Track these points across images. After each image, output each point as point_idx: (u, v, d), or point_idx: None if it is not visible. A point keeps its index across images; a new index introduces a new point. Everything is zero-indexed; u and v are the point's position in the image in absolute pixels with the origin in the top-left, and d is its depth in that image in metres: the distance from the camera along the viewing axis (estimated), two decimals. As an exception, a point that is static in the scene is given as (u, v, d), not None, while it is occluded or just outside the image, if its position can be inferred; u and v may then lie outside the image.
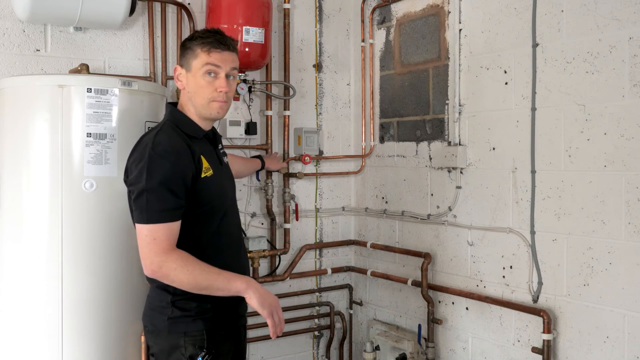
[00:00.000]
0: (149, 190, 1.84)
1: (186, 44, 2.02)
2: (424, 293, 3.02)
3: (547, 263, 2.54)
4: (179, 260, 1.84)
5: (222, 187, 2.07)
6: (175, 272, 1.83)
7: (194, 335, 1.94)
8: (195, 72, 1.97)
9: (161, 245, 1.84)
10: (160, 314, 1.97)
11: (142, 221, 1.86)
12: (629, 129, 2.25)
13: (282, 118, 3.34)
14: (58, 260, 2.24)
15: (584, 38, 2.39)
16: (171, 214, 1.86)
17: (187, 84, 2.01)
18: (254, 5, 2.95)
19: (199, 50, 1.96)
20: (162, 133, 1.94)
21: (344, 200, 3.62)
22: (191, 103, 2.01)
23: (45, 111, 2.25)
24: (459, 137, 2.92)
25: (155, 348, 2.02)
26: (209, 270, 1.86)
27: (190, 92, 2.00)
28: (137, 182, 1.87)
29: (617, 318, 2.31)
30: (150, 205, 1.84)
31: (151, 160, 1.85)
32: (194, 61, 1.97)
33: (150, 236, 1.84)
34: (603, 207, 2.34)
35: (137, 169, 1.87)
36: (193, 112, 2.02)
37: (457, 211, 2.94)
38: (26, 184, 2.28)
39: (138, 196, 1.87)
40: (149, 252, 1.85)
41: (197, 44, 1.97)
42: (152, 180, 1.84)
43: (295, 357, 3.46)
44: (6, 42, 2.60)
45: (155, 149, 1.87)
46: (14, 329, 2.29)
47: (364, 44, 3.50)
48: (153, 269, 1.85)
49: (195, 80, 1.97)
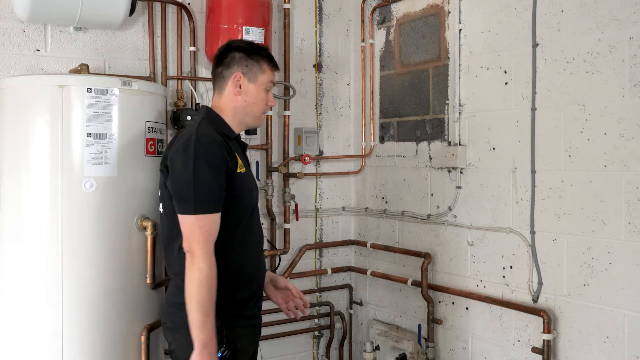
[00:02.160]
0: (196, 181, 1.91)
1: (250, 54, 2.11)
2: (424, 293, 3.02)
3: (547, 263, 2.54)
4: (206, 270, 1.88)
5: (252, 186, 2.16)
6: (194, 274, 1.88)
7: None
8: (260, 85, 2.11)
9: (205, 236, 1.91)
10: (179, 310, 1.98)
11: (188, 212, 1.92)
12: (629, 129, 2.25)
13: (282, 118, 3.34)
14: (58, 260, 2.24)
15: (584, 38, 2.39)
16: (216, 205, 1.94)
17: (246, 93, 2.11)
18: (254, 5, 2.95)
19: (266, 66, 2.12)
20: (203, 127, 2.02)
21: (344, 200, 3.62)
22: (241, 110, 2.12)
23: (45, 111, 2.25)
24: (459, 137, 2.92)
25: (174, 345, 2.05)
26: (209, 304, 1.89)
27: (247, 102, 2.11)
28: (183, 173, 1.93)
29: (617, 318, 2.31)
30: (197, 196, 1.91)
31: (197, 152, 1.92)
32: (261, 75, 2.11)
33: (196, 224, 1.90)
34: (603, 207, 2.34)
35: (182, 160, 1.94)
36: (233, 116, 2.12)
37: (457, 211, 2.94)
38: (26, 184, 2.28)
39: (184, 187, 1.93)
40: (194, 238, 1.91)
41: (265, 61, 2.12)
42: (198, 172, 1.91)
43: (295, 357, 3.47)
44: (6, 42, 2.60)
45: (200, 140, 1.95)
46: (14, 329, 2.29)
47: (364, 44, 3.50)
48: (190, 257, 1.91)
49: (257, 92, 2.11)
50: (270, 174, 3.28)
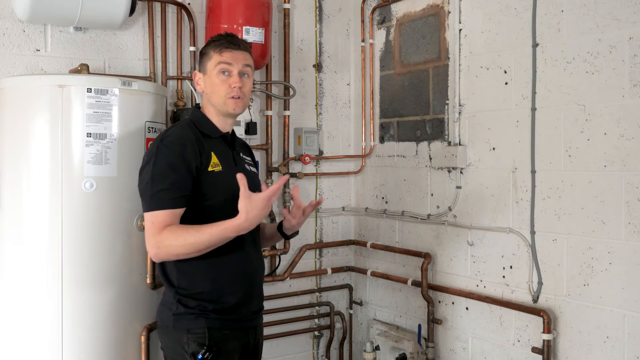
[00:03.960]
0: (152, 178, 1.92)
1: (202, 50, 2.15)
2: (424, 293, 3.02)
3: (547, 263, 2.54)
4: (171, 234, 1.88)
5: (232, 186, 1.96)
6: (173, 247, 1.88)
7: (197, 332, 1.95)
8: (210, 72, 2.08)
9: (158, 228, 1.90)
10: (168, 309, 2.00)
11: (145, 209, 1.94)
12: (629, 129, 2.25)
13: (282, 118, 3.34)
14: (58, 260, 2.25)
15: (584, 38, 2.39)
16: (173, 201, 1.92)
17: (204, 86, 2.11)
18: (254, 5, 2.95)
19: (212, 51, 2.08)
20: (174, 128, 2.06)
21: (344, 200, 3.62)
22: (210, 103, 2.11)
23: (45, 111, 2.25)
24: (459, 137, 2.92)
25: (162, 343, 2.07)
26: (201, 231, 1.87)
27: (208, 93, 2.10)
28: (143, 171, 1.97)
29: (617, 318, 2.31)
30: (152, 192, 1.92)
31: (158, 151, 1.95)
32: (208, 62, 2.09)
33: (149, 221, 1.92)
34: (603, 207, 2.34)
35: (145, 160, 1.99)
36: (213, 112, 2.11)
37: (457, 211, 2.94)
38: (26, 184, 2.28)
39: (143, 185, 1.96)
40: (148, 237, 1.92)
41: (210, 47, 2.10)
42: (156, 168, 1.93)
43: (295, 357, 3.46)
44: (6, 42, 2.60)
45: (162, 140, 1.97)
46: (14, 328, 2.29)
47: (364, 44, 3.50)
48: (155, 252, 1.91)
49: (210, 80, 2.08)
50: (270, 174, 3.28)
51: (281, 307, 3.33)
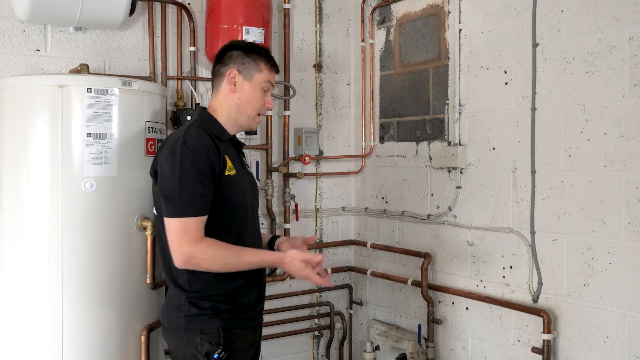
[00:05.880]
0: (182, 182, 1.90)
1: (247, 53, 2.09)
2: (424, 293, 3.02)
3: (547, 263, 2.54)
4: (209, 250, 1.91)
5: (244, 188, 2.11)
6: (207, 262, 1.92)
7: (211, 332, 1.96)
8: (256, 84, 2.08)
9: (192, 237, 1.90)
10: (178, 311, 2.00)
11: (173, 214, 1.91)
12: (629, 129, 2.25)
13: (282, 118, 3.34)
14: (58, 260, 2.24)
15: (584, 38, 2.39)
16: (202, 207, 1.92)
17: (240, 91, 2.08)
18: (254, 5, 2.95)
19: (263, 65, 2.08)
20: (191, 130, 2.00)
21: (344, 200, 3.62)
22: (235, 108, 2.08)
23: (45, 111, 2.25)
24: (459, 137, 2.92)
25: (171, 345, 2.06)
26: (241, 256, 1.96)
27: (242, 100, 2.08)
28: (169, 176, 1.92)
29: (617, 318, 2.31)
30: (182, 198, 1.90)
31: (182, 154, 1.91)
32: (257, 74, 2.07)
33: (181, 228, 1.90)
34: (603, 207, 2.34)
35: (169, 163, 1.93)
36: (227, 116, 2.09)
37: (457, 211, 2.94)
38: (26, 184, 2.28)
39: (170, 189, 1.92)
40: (179, 244, 1.90)
41: (263, 60, 2.09)
42: (184, 173, 1.90)
43: (295, 357, 3.46)
44: (6, 42, 2.60)
45: (186, 143, 1.93)
46: (14, 328, 2.29)
47: (364, 44, 3.50)
48: (185, 260, 1.91)
49: (252, 91, 2.08)
50: (270, 174, 3.28)
51: (281, 307, 3.33)
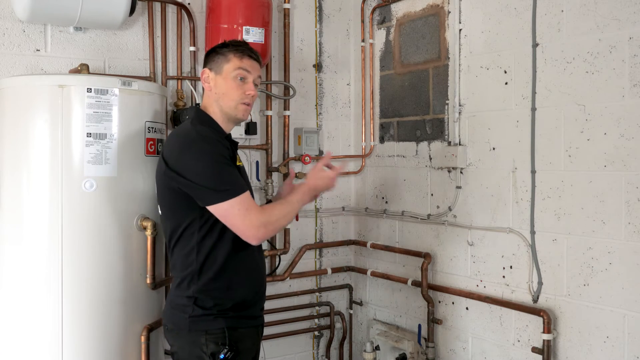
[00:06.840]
0: (219, 169, 1.92)
1: (217, 50, 2.13)
2: (424, 293, 3.02)
3: (547, 263, 2.54)
4: (273, 211, 1.99)
5: (246, 183, 2.16)
6: (277, 223, 1.99)
7: (216, 333, 1.97)
8: (227, 75, 2.08)
9: (255, 209, 1.94)
10: (182, 312, 2.00)
11: (224, 198, 1.91)
12: (629, 129, 2.25)
13: (282, 118, 3.34)
14: (58, 260, 2.24)
15: (584, 38, 2.39)
16: (242, 185, 1.97)
17: (215, 86, 2.10)
18: (254, 5, 2.95)
19: (232, 55, 2.08)
20: (197, 126, 2.02)
21: (344, 200, 3.62)
22: (217, 104, 2.10)
23: (45, 111, 2.25)
24: (459, 137, 2.92)
25: (175, 347, 2.06)
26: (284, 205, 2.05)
27: (218, 94, 2.09)
28: (202, 167, 1.93)
29: (617, 318, 2.31)
30: (227, 181, 1.93)
31: (206, 146, 1.94)
32: (225, 65, 2.08)
33: (242, 205, 1.92)
34: (603, 207, 2.34)
35: (190, 156, 1.94)
36: (218, 113, 2.11)
37: (457, 211, 2.94)
38: (26, 184, 2.28)
39: (209, 178, 1.92)
40: (250, 220, 1.93)
41: (230, 51, 2.09)
42: (216, 161, 1.93)
43: (295, 357, 3.46)
44: (6, 42, 2.60)
45: (201, 134, 1.97)
46: (14, 329, 2.29)
47: (364, 44, 3.50)
48: (263, 231, 1.95)
49: (225, 82, 2.08)
50: (270, 174, 3.28)
51: (281, 307, 3.33)
